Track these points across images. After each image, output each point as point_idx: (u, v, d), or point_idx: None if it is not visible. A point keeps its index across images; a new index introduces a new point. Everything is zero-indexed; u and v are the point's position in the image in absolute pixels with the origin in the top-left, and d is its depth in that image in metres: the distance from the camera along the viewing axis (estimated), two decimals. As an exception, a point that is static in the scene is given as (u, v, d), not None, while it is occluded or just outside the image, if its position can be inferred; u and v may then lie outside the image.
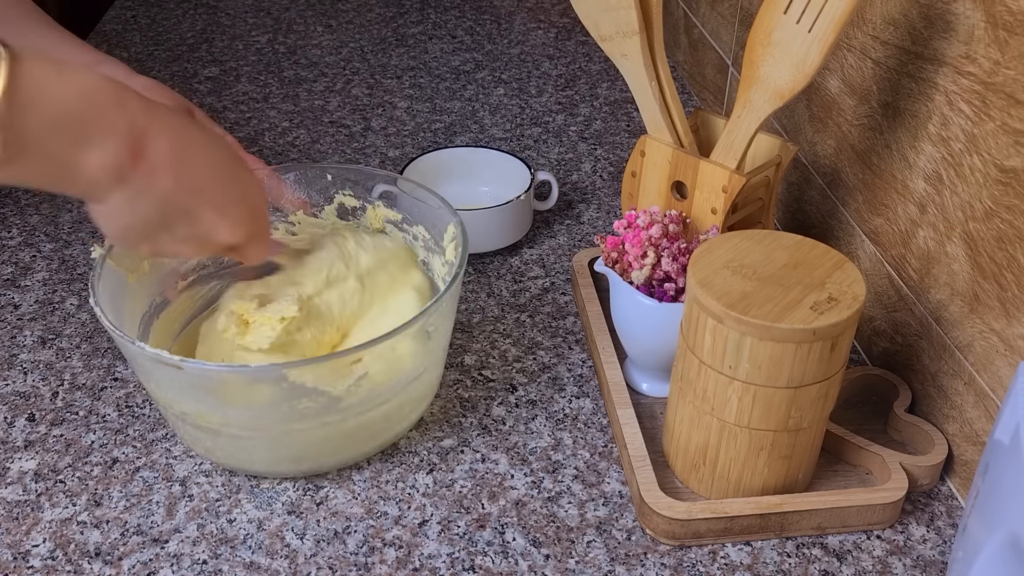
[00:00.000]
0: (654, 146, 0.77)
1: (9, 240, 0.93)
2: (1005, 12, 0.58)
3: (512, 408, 0.74)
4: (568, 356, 0.79)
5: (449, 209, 0.73)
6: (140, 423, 0.72)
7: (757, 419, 0.60)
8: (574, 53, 1.34)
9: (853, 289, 0.58)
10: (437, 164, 0.95)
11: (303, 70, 1.29)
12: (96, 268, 0.66)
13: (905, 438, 0.70)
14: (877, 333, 0.76)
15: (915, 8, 0.68)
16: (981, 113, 0.61)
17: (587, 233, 0.95)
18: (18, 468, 0.68)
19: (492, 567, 0.61)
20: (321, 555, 0.62)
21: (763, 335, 0.56)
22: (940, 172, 0.66)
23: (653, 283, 0.69)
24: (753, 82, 0.68)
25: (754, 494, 0.64)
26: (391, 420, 0.67)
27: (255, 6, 1.49)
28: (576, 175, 1.05)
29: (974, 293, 0.63)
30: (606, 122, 1.16)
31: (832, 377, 0.60)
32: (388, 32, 1.41)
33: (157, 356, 0.59)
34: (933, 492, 0.67)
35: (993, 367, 0.62)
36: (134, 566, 0.61)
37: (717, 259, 0.61)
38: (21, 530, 0.64)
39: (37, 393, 0.75)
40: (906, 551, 0.63)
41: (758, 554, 0.63)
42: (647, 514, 0.63)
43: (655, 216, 0.70)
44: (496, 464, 0.69)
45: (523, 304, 0.85)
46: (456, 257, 0.70)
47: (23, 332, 0.81)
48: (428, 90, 1.24)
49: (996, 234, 0.61)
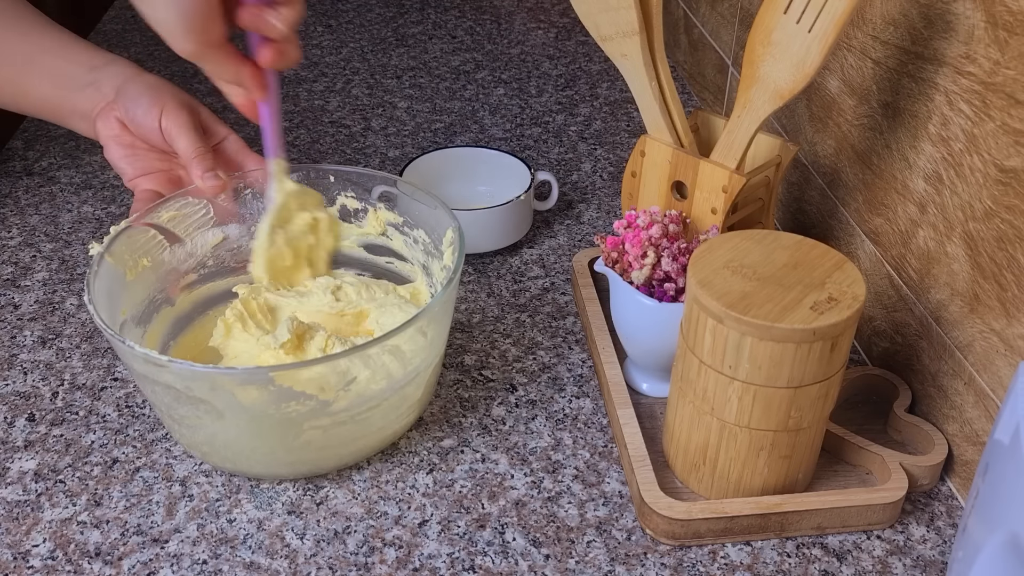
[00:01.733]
0: (654, 146, 0.77)
1: (9, 240, 0.93)
2: (1005, 12, 0.58)
3: (512, 408, 0.74)
4: (568, 356, 0.79)
5: (448, 213, 0.73)
6: (140, 423, 0.72)
7: (757, 419, 0.60)
8: (574, 53, 1.34)
9: (853, 289, 0.58)
10: (437, 164, 0.95)
11: (303, 70, 1.29)
12: (93, 266, 0.66)
13: (905, 438, 0.70)
14: (877, 333, 0.76)
15: (915, 8, 0.68)
16: (981, 113, 0.61)
17: (587, 233, 0.95)
18: (18, 468, 0.68)
19: (492, 567, 0.61)
20: (321, 555, 0.62)
21: (763, 335, 0.56)
22: (940, 172, 0.66)
23: (653, 283, 0.69)
24: (753, 82, 0.68)
25: (754, 494, 0.64)
26: (388, 421, 0.67)
27: (255, 6, 1.49)
28: (576, 175, 1.05)
29: (974, 293, 0.63)
30: (606, 122, 1.16)
31: (832, 377, 0.60)
32: (388, 32, 1.41)
33: (145, 355, 0.58)
34: (933, 492, 0.67)
35: (993, 367, 0.62)
36: (134, 566, 0.61)
37: (717, 259, 0.61)
38: (21, 530, 0.64)
39: (37, 393, 0.75)
40: (906, 551, 0.63)
41: (758, 554, 0.63)
42: (647, 514, 0.63)
43: (655, 216, 0.70)
44: (496, 464, 0.69)
45: (523, 304, 0.85)
46: (453, 262, 0.70)
47: (23, 332, 0.81)
48: (428, 90, 1.24)
49: (996, 234, 0.61)
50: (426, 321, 0.64)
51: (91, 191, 1.00)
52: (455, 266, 0.67)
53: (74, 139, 1.09)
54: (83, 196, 0.99)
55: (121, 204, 0.98)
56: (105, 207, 0.97)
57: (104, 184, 1.01)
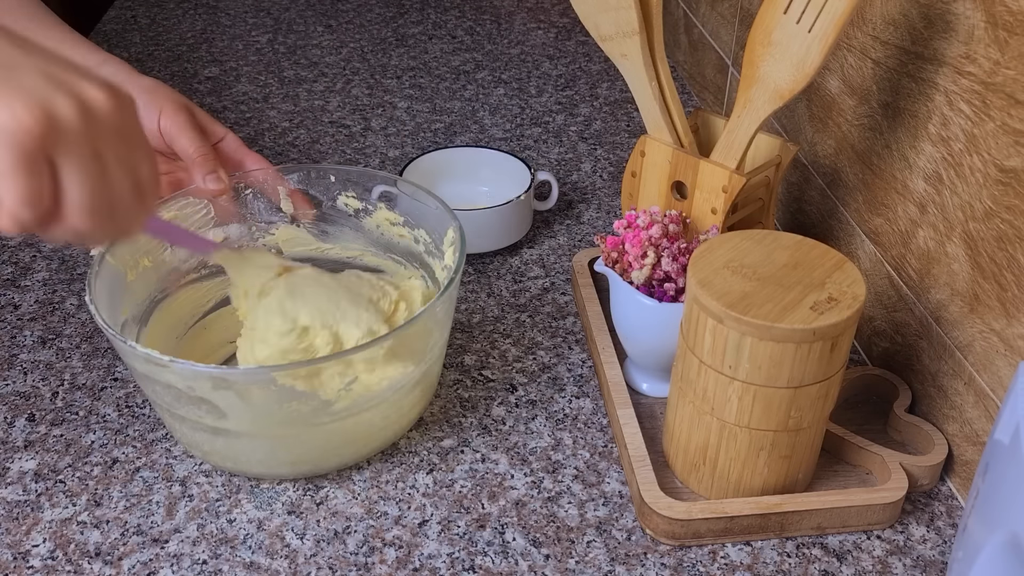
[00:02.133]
0: (654, 146, 0.77)
1: (9, 240, 0.93)
2: (1005, 12, 0.58)
3: (512, 408, 0.74)
4: (568, 356, 0.79)
5: (448, 213, 0.73)
6: (140, 423, 0.72)
7: (757, 419, 0.60)
8: (574, 53, 1.34)
9: (853, 289, 0.58)
10: (437, 164, 0.95)
11: (303, 70, 1.29)
12: (94, 266, 0.66)
13: (905, 438, 0.70)
14: (877, 333, 0.76)
15: (915, 8, 0.68)
16: (981, 113, 0.61)
17: (587, 233, 0.95)
18: (18, 468, 0.68)
19: (492, 567, 0.61)
20: (321, 555, 0.62)
21: (763, 335, 0.56)
22: (940, 172, 0.67)
23: (653, 283, 0.69)
24: (753, 82, 0.68)
25: (754, 494, 0.64)
26: (389, 421, 0.67)
27: (255, 6, 1.49)
28: (576, 175, 1.05)
29: (974, 293, 0.63)
30: (606, 122, 1.16)
31: (832, 377, 0.60)
32: (388, 32, 1.41)
33: (147, 355, 0.58)
34: (933, 492, 0.67)
35: (993, 367, 0.62)
36: (134, 566, 0.61)
37: (717, 259, 0.61)
38: (21, 530, 0.64)
39: (37, 393, 0.75)
40: (906, 551, 0.63)
41: (758, 554, 0.63)
42: (647, 514, 0.63)
43: (655, 216, 0.70)
44: (496, 464, 0.69)
45: (523, 304, 0.85)
46: (454, 262, 0.70)
47: (23, 332, 0.81)
48: (428, 90, 1.24)
49: (996, 234, 0.61)
50: (429, 319, 0.64)
51: (91, 191, 1.00)
52: (456, 265, 0.67)
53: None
54: (83, 196, 0.99)
55: (121, 204, 0.98)
56: (105, 207, 0.97)
57: (104, 184, 1.01)
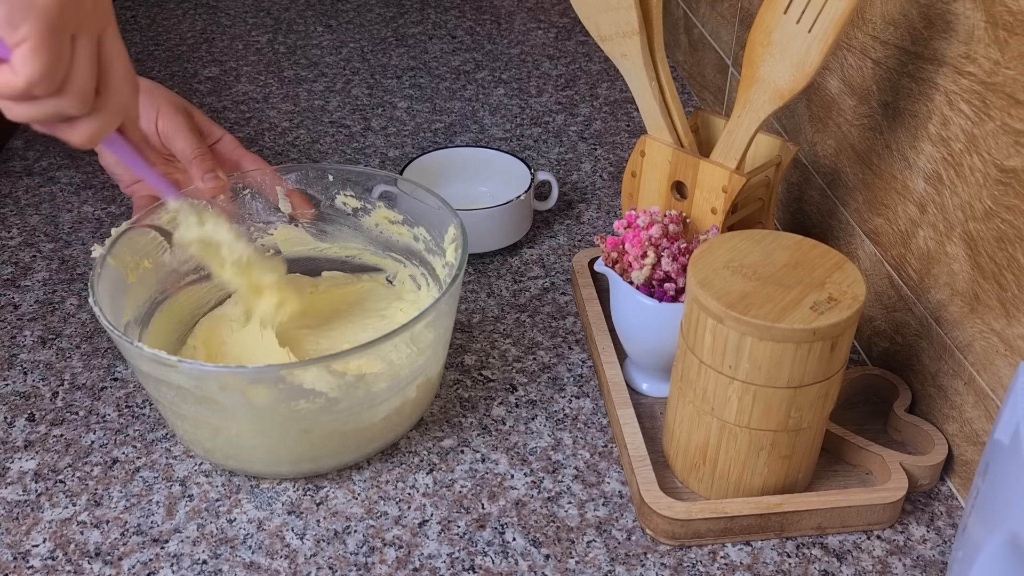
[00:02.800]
0: (654, 146, 0.77)
1: (9, 240, 0.93)
2: (1005, 12, 0.58)
3: (512, 408, 0.74)
4: (568, 356, 0.79)
5: (449, 210, 0.73)
6: (140, 423, 0.72)
7: (757, 419, 0.60)
8: (574, 53, 1.34)
9: (853, 289, 0.58)
10: (437, 164, 0.95)
11: (303, 70, 1.29)
12: (96, 267, 0.66)
13: (905, 438, 0.70)
14: (877, 333, 0.76)
15: (915, 8, 0.68)
16: (981, 113, 0.61)
17: (587, 233, 0.95)
18: (18, 468, 0.68)
19: (492, 567, 0.61)
20: (321, 555, 0.62)
21: (763, 335, 0.56)
22: (940, 172, 0.67)
23: (653, 283, 0.69)
24: (753, 82, 0.68)
25: (754, 494, 0.64)
26: (391, 421, 0.67)
27: (255, 6, 1.49)
28: (576, 175, 1.05)
29: (974, 293, 0.63)
30: (606, 122, 1.16)
31: (832, 377, 0.60)
32: (388, 32, 1.41)
33: (155, 356, 0.59)
34: (933, 492, 0.67)
35: (993, 367, 0.62)
36: (134, 566, 0.61)
37: (717, 259, 0.61)
38: (21, 530, 0.64)
39: (37, 393, 0.75)
40: (906, 551, 0.63)
41: (758, 554, 0.63)
42: (647, 514, 0.63)
43: (655, 216, 0.71)
44: (496, 464, 0.69)
45: (523, 304, 0.85)
46: (456, 259, 0.70)
47: (23, 332, 0.81)
48: (428, 90, 1.24)
49: (996, 234, 0.61)
50: (433, 317, 0.64)
51: (91, 191, 1.00)
52: (459, 263, 0.67)
53: (74, 139, 1.09)
54: (83, 196, 0.99)
55: (121, 204, 0.98)
56: (105, 207, 0.97)
57: (104, 184, 1.01)
